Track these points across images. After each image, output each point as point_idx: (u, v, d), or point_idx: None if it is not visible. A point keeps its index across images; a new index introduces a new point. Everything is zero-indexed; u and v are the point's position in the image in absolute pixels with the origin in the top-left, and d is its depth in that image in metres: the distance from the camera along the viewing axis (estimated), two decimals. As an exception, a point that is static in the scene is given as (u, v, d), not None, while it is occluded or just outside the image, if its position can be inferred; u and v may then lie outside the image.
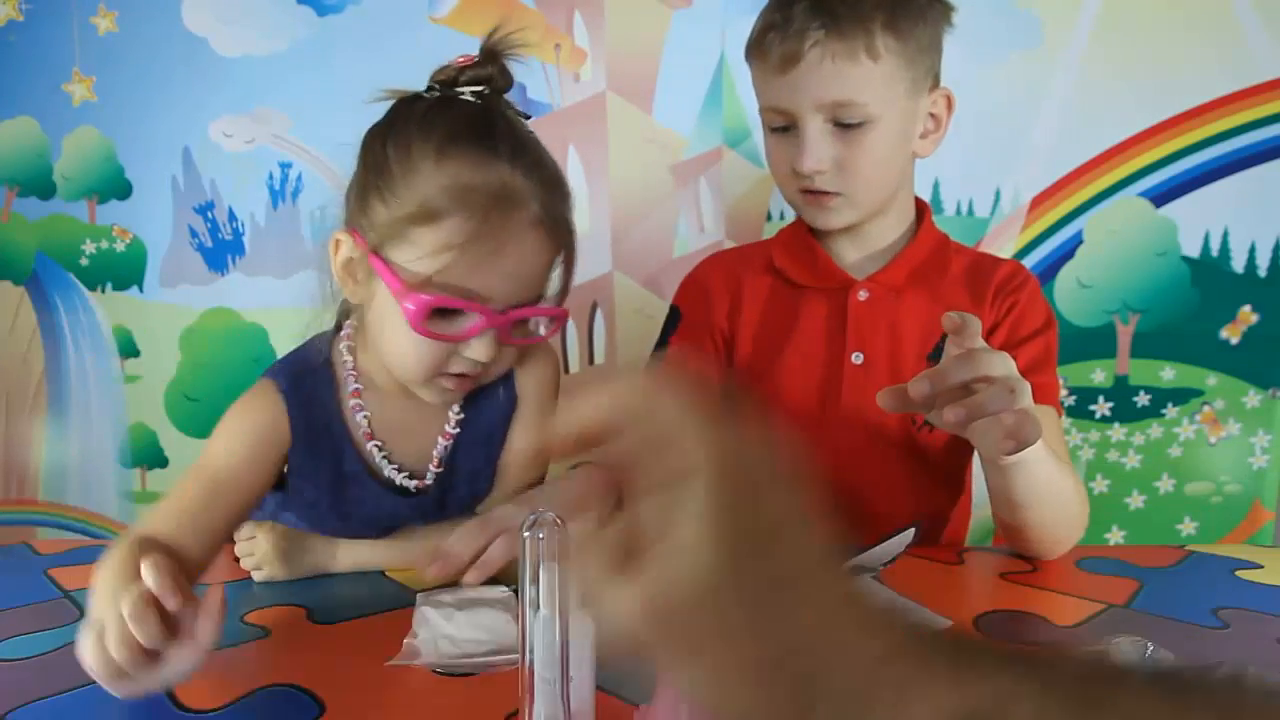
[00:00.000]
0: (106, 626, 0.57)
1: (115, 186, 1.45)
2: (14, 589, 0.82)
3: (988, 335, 0.96)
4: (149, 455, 1.50)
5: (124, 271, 1.47)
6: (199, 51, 1.40)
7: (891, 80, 0.88)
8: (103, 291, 1.48)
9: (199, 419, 1.49)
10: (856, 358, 0.96)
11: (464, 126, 0.75)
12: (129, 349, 1.49)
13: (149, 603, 0.57)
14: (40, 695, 0.62)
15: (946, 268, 0.98)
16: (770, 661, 0.32)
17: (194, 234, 1.45)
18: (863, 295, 0.96)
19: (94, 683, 0.63)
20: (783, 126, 0.91)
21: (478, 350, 0.77)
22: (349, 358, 0.84)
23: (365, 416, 0.83)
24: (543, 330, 0.83)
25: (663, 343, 1.05)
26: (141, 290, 1.47)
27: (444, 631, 0.70)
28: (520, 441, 0.89)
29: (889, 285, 0.96)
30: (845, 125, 0.88)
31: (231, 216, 1.44)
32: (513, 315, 0.77)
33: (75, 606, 0.78)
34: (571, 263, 0.81)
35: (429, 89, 0.79)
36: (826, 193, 0.91)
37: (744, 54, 0.94)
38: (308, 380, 0.83)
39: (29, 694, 0.62)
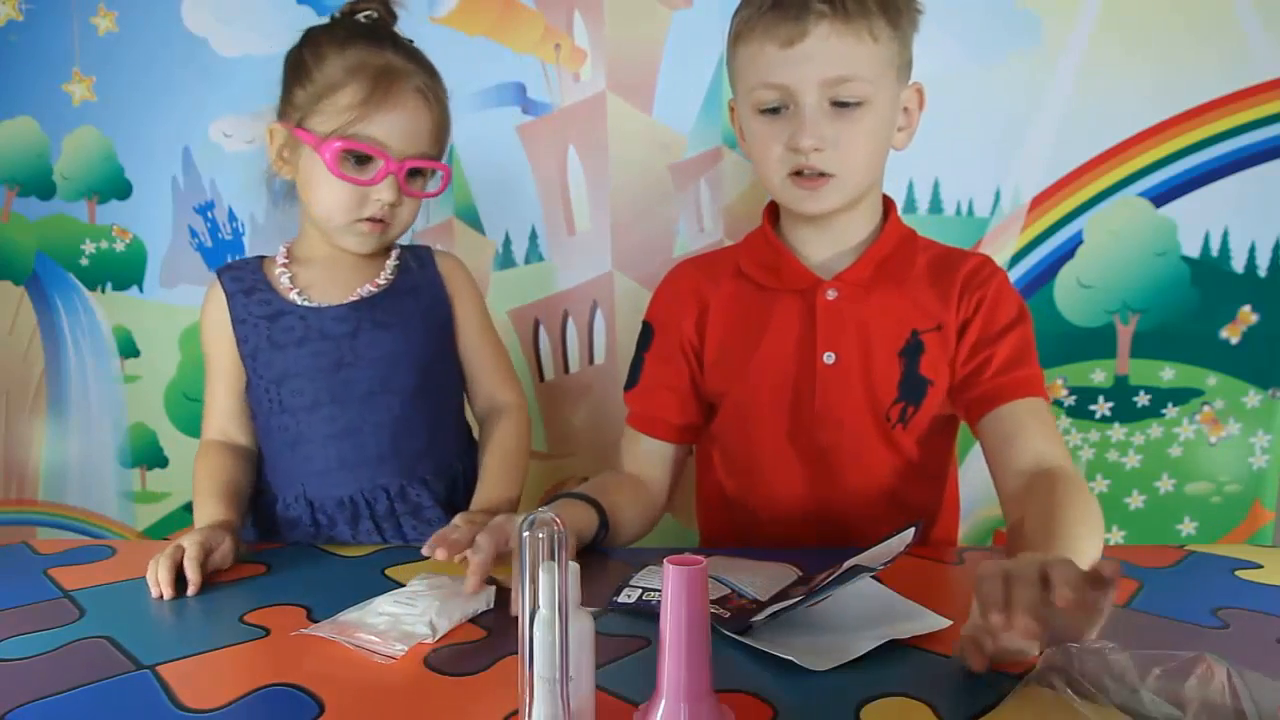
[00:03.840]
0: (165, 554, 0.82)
1: (115, 186, 1.45)
2: (14, 589, 0.82)
3: (959, 332, 0.96)
4: (149, 455, 1.50)
5: (124, 271, 1.47)
6: (199, 51, 1.39)
7: (885, 64, 0.90)
8: (103, 291, 1.48)
9: (199, 419, 1.48)
10: (828, 357, 0.96)
11: (358, 31, 1.00)
12: (129, 349, 1.49)
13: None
14: (40, 695, 0.62)
15: (913, 262, 0.98)
16: None
17: (194, 234, 1.45)
18: (831, 295, 0.96)
19: (93, 682, 0.64)
20: (774, 107, 0.91)
21: (385, 192, 0.97)
22: (282, 250, 1.07)
23: (288, 276, 1.05)
24: (433, 187, 1.03)
25: (638, 359, 1.05)
26: (141, 290, 1.47)
27: (381, 610, 0.74)
28: (472, 324, 1.11)
29: (856, 283, 0.96)
30: (842, 105, 0.89)
31: (231, 216, 1.44)
32: (408, 164, 0.98)
33: (75, 606, 0.78)
34: (446, 130, 1.04)
35: (331, 17, 1.03)
36: (820, 175, 0.91)
37: (731, 38, 0.94)
38: (237, 267, 1.08)
39: (29, 694, 0.62)
